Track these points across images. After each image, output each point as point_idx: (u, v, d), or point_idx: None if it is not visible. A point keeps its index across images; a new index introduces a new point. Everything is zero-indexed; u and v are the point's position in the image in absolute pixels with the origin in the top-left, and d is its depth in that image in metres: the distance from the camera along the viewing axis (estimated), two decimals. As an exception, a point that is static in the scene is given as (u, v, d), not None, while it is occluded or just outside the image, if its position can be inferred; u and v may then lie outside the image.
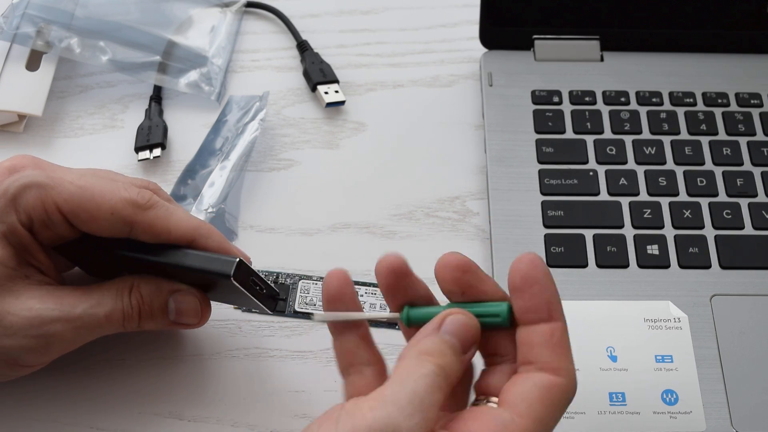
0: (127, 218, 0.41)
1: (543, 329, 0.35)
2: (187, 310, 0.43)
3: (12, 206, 0.40)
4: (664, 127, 0.55)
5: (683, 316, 0.48)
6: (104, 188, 0.41)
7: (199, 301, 0.43)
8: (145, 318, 0.43)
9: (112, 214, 0.40)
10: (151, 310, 0.43)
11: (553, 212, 0.51)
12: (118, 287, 0.42)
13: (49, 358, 0.42)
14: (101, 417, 0.45)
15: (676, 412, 0.45)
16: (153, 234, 0.41)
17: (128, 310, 0.42)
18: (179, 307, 0.43)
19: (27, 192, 0.40)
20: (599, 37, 0.59)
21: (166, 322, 0.43)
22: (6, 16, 0.59)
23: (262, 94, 0.58)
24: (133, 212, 0.41)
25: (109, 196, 0.40)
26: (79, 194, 0.40)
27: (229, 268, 0.41)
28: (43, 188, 0.40)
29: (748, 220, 0.51)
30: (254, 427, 0.45)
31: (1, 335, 0.40)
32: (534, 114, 0.56)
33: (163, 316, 0.43)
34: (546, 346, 0.34)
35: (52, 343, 0.41)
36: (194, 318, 0.44)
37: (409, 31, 0.64)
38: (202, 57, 0.60)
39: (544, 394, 0.34)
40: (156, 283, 0.43)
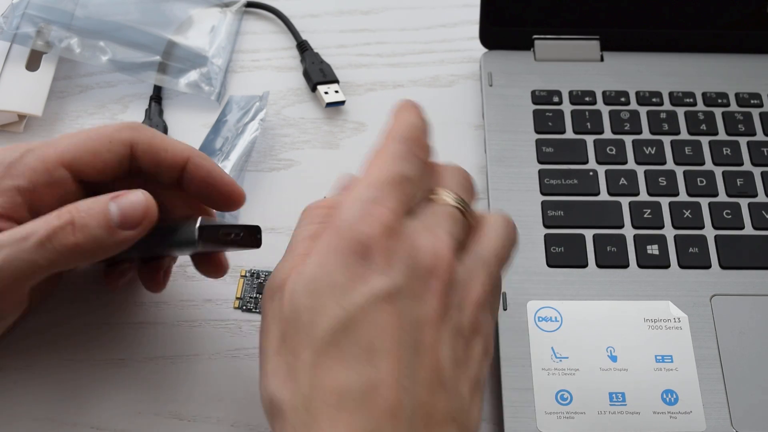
0: (126, 139, 0.42)
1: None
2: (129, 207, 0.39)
3: (9, 172, 0.40)
4: (664, 127, 0.56)
5: (683, 316, 0.48)
6: (97, 129, 0.42)
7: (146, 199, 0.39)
8: (80, 228, 0.38)
9: (110, 141, 0.41)
10: (89, 216, 0.38)
11: (553, 212, 0.51)
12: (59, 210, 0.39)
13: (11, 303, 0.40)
14: (101, 417, 0.46)
15: (676, 412, 0.45)
16: (152, 151, 0.42)
17: (57, 223, 0.38)
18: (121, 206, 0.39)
19: (25, 157, 0.40)
20: (599, 37, 0.59)
21: (108, 230, 0.39)
22: (6, 16, 0.59)
23: (262, 94, 0.58)
24: (130, 133, 0.42)
25: (104, 129, 0.42)
26: (76, 140, 0.41)
27: (192, 235, 0.39)
28: (39, 149, 0.41)
29: (748, 220, 0.51)
30: (254, 428, 0.45)
31: None
32: (534, 114, 0.56)
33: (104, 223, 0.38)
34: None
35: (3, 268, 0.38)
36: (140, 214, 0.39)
37: (409, 31, 0.64)
38: (202, 57, 0.60)
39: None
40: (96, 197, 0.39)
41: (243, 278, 0.51)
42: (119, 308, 0.49)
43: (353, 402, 0.32)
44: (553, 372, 0.46)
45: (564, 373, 0.46)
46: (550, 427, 0.44)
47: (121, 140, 0.41)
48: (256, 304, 0.50)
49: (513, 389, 0.45)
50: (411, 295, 0.34)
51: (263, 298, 0.36)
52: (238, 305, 0.50)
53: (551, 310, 0.48)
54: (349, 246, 0.34)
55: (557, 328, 0.47)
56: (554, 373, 0.46)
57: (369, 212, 0.34)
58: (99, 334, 0.48)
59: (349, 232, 0.34)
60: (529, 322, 0.47)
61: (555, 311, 0.48)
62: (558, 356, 0.46)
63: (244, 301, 0.50)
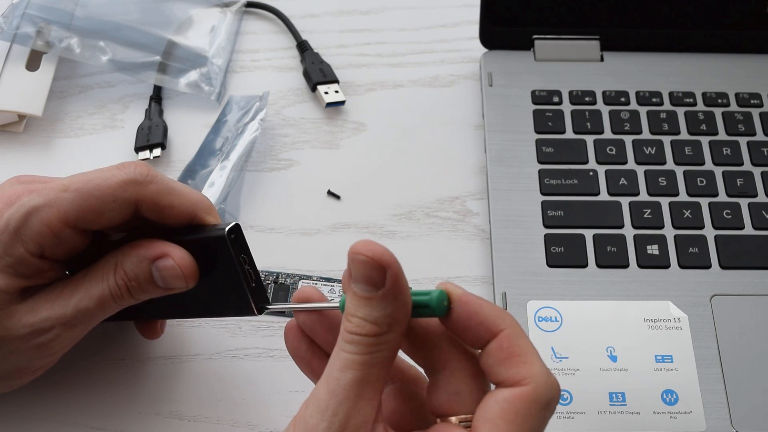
0: (130, 198, 0.40)
1: (491, 347, 0.33)
2: (171, 276, 0.40)
3: (17, 238, 0.39)
4: (664, 127, 0.55)
5: (683, 316, 0.48)
6: (98, 181, 0.40)
7: (179, 264, 0.40)
8: (135, 292, 0.41)
9: (114, 201, 0.40)
10: (139, 284, 0.41)
11: (553, 212, 0.51)
12: (102, 270, 0.41)
13: (54, 359, 0.42)
14: (101, 417, 0.45)
15: (676, 412, 0.45)
16: (157, 209, 0.41)
17: (116, 291, 0.41)
18: (162, 275, 0.41)
19: (30, 220, 0.39)
20: (599, 37, 0.59)
21: (159, 290, 0.41)
22: (6, 16, 0.59)
23: (262, 94, 0.58)
24: (134, 190, 0.40)
25: (106, 185, 0.40)
26: (78, 198, 0.39)
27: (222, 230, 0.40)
28: (43, 210, 0.39)
29: (748, 220, 0.51)
30: (254, 427, 0.45)
31: (6, 354, 0.40)
32: (534, 114, 0.56)
33: (153, 285, 0.41)
34: (499, 363, 0.33)
35: (54, 347, 0.41)
36: (180, 282, 0.41)
37: (409, 31, 0.64)
38: (202, 57, 0.60)
39: (506, 409, 0.32)
40: (137, 255, 0.41)
41: (243, 278, 0.51)
42: (119, 308, 0.49)
43: None
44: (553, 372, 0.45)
45: (564, 373, 0.46)
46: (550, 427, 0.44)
47: (125, 200, 0.40)
48: (256, 304, 0.50)
49: (513, 389, 0.45)
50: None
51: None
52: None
53: (551, 310, 0.48)
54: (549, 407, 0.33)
55: (557, 328, 0.47)
56: (554, 373, 0.45)
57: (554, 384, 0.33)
58: (99, 334, 0.48)
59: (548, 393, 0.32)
60: (529, 322, 0.47)
61: (555, 311, 0.48)
62: (558, 356, 0.46)
63: (244, 301, 0.50)
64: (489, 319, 0.33)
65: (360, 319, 0.32)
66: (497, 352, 0.33)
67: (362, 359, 0.32)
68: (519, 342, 0.33)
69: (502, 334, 0.33)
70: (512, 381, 0.32)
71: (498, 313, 0.33)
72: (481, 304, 0.33)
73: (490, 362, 0.33)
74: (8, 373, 0.42)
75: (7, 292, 0.39)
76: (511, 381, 0.32)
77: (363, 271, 0.32)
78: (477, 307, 0.33)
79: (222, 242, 0.40)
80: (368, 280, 0.32)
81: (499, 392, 0.32)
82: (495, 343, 0.33)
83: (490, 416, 0.32)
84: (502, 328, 0.33)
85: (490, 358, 0.33)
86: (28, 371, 0.42)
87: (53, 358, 0.42)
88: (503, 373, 0.32)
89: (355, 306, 0.33)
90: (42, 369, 0.43)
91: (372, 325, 0.32)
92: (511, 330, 0.33)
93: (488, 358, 0.33)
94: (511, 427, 0.31)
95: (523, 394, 0.32)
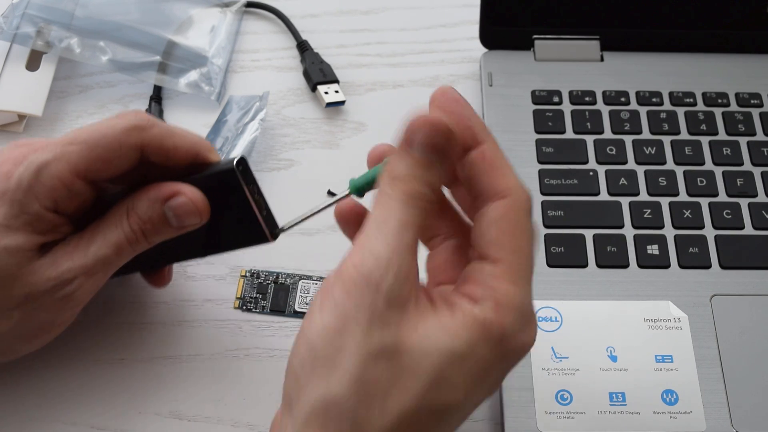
0: (135, 144, 0.41)
1: (474, 157, 0.35)
2: (185, 212, 0.41)
3: (32, 195, 0.40)
4: (664, 127, 0.55)
5: (683, 316, 0.48)
6: (103, 130, 0.41)
7: (192, 200, 0.41)
8: (150, 235, 0.42)
9: (120, 147, 0.40)
10: (153, 226, 0.42)
11: (553, 212, 0.51)
12: (115, 217, 0.42)
13: (76, 312, 0.43)
14: (101, 417, 0.46)
15: (676, 412, 0.45)
16: (162, 152, 0.41)
17: (131, 235, 0.42)
18: (176, 213, 0.41)
19: (41, 176, 0.40)
20: (599, 37, 0.59)
21: (173, 230, 0.42)
22: (6, 16, 0.59)
23: (262, 94, 0.58)
24: (138, 135, 0.41)
25: (111, 133, 0.40)
26: (86, 149, 0.40)
27: (231, 163, 0.41)
28: (53, 165, 0.40)
29: (748, 220, 0.51)
30: (254, 427, 0.45)
31: (32, 311, 0.41)
32: (534, 114, 0.56)
33: (167, 226, 0.42)
34: (482, 173, 0.35)
35: (77, 297, 0.42)
36: (194, 218, 0.42)
37: (409, 31, 0.64)
38: (202, 57, 0.60)
39: (503, 226, 0.34)
40: (148, 197, 0.42)
41: (243, 278, 0.51)
42: (119, 308, 0.49)
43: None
44: (553, 372, 0.46)
45: (564, 373, 0.46)
46: (550, 427, 0.44)
47: (131, 145, 0.41)
48: (256, 303, 0.50)
49: (513, 389, 0.45)
50: None
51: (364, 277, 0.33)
52: (238, 305, 0.50)
53: (551, 310, 0.48)
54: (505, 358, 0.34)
55: (557, 328, 0.47)
56: (554, 373, 0.46)
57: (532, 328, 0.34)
58: (99, 334, 0.48)
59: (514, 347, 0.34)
60: (529, 322, 0.47)
61: (555, 311, 0.48)
62: (558, 356, 0.46)
63: (244, 301, 0.50)
64: (476, 127, 0.35)
65: (419, 182, 0.34)
66: (480, 162, 0.35)
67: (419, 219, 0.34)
68: (499, 155, 0.35)
69: (485, 146, 0.35)
70: (494, 192, 0.34)
71: (483, 127, 0.36)
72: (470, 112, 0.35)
73: (474, 172, 0.35)
74: (35, 331, 0.43)
75: (28, 250, 0.40)
76: (493, 192, 0.34)
77: (428, 139, 0.34)
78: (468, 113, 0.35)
79: (231, 174, 0.41)
80: (432, 146, 0.34)
81: (490, 210, 0.34)
82: (478, 154, 0.35)
83: (494, 238, 0.34)
84: (483, 140, 0.35)
85: (473, 168, 0.35)
86: (52, 326, 0.43)
87: (75, 311, 0.43)
88: (485, 183, 0.35)
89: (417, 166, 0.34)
90: (64, 324, 0.44)
91: (428, 188, 0.34)
92: (493, 144, 0.35)
93: (471, 168, 0.35)
94: (514, 237, 0.34)
95: (512, 204, 0.34)
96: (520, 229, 0.34)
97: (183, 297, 0.50)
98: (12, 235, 0.40)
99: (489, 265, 0.34)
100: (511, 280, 0.33)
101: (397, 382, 0.32)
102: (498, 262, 0.34)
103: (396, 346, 0.32)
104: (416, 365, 0.32)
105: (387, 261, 0.32)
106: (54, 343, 0.48)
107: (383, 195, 0.34)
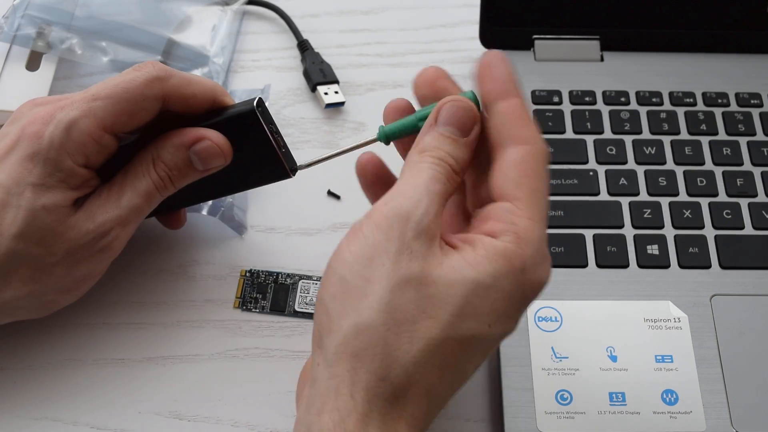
0: (158, 95, 0.42)
1: (503, 106, 0.37)
2: (210, 155, 0.43)
3: (64, 153, 0.41)
4: (664, 127, 0.55)
5: (683, 316, 0.48)
6: (124, 84, 0.42)
7: (215, 142, 0.43)
8: (177, 180, 0.44)
9: (144, 99, 0.42)
10: (179, 172, 0.44)
11: (553, 212, 0.51)
12: (141, 166, 0.43)
13: (111, 260, 0.45)
14: (101, 417, 0.46)
15: (676, 412, 0.45)
16: (183, 100, 0.43)
17: (159, 183, 0.43)
18: (201, 157, 0.43)
19: (72, 133, 0.41)
20: (599, 37, 0.59)
21: (198, 174, 0.44)
22: (6, 17, 0.59)
23: (263, 87, 0.58)
24: (160, 86, 0.42)
25: (133, 87, 0.42)
26: (111, 104, 0.41)
27: (251, 104, 0.43)
28: (81, 122, 0.41)
29: (748, 220, 0.51)
30: (254, 427, 0.45)
31: (72, 265, 0.43)
32: (534, 114, 0.56)
33: (193, 170, 0.44)
34: (509, 122, 0.37)
35: (114, 246, 0.44)
36: (219, 160, 0.44)
37: (409, 31, 0.64)
38: (203, 56, 0.60)
39: (524, 167, 0.36)
40: (172, 144, 0.43)
41: (243, 278, 0.51)
42: (119, 308, 0.49)
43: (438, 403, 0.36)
44: (553, 372, 0.46)
45: (564, 373, 0.46)
46: (550, 427, 0.44)
47: (154, 96, 0.42)
48: (256, 303, 0.50)
49: (513, 389, 0.45)
50: None
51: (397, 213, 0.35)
52: (238, 305, 0.50)
53: (551, 310, 0.48)
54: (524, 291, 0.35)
55: (557, 328, 0.47)
56: (554, 373, 0.46)
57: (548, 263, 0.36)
58: (99, 334, 0.48)
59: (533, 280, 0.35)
60: (529, 322, 0.47)
61: (555, 311, 0.48)
62: (558, 356, 0.46)
63: (244, 301, 0.50)
64: (506, 82, 0.37)
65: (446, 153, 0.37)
66: (508, 112, 0.37)
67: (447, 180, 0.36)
68: (525, 111, 0.37)
69: (515, 100, 0.37)
70: (519, 139, 0.36)
71: (515, 86, 0.38)
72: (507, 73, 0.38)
73: (501, 120, 0.37)
74: (77, 282, 0.44)
75: (64, 206, 0.42)
76: (519, 139, 0.36)
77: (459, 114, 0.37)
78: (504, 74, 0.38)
79: (252, 115, 0.43)
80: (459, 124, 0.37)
81: (512, 152, 0.36)
82: (507, 106, 0.37)
83: (514, 178, 0.36)
84: (513, 95, 0.37)
85: (501, 117, 0.37)
86: (90, 277, 0.45)
87: (111, 259, 0.45)
88: (510, 130, 0.37)
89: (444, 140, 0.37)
90: (100, 274, 0.45)
91: (453, 160, 0.37)
92: (521, 101, 0.37)
93: (499, 116, 0.37)
94: (533, 180, 0.36)
95: (534, 152, 0.36)
96: (538, 173, 0.36)
97: (183, 297, 0.50)
98: (48, 194, 0.41)
99: (508, 203, 0.36)
100: (529, 216, 0.35)
101: (425, 311, 0.34)
102: (517, 201, 0.35)
103: (424, 275, 0.34)
104: (443, 295, 0.34)
105: (417, 199, 0.35)
106: (54, 343, 0.48)
107: (411, 162, 0.37)
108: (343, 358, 0.34)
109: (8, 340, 0.48)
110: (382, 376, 0.33)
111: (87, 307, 0.49)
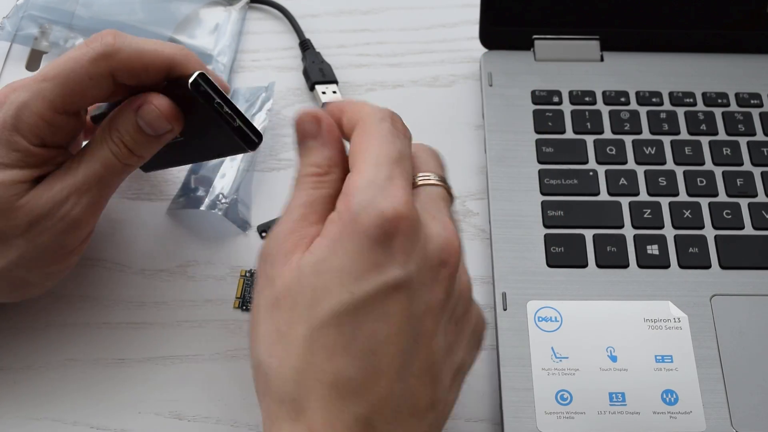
0: (104, 72, 0.42)
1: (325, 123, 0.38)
2: (153, 119, 0.42)
3: (17, 133, 0.41)
4: (664, 127, 0.55)
5: (683, 316, 0.48)
6: (70, 64, 0.42)
7: (156, 105, 0.42)
8: (132, 147, 0.43)
9: (90, 78, 0.41)
10: (131, 137, 0.43)
11: (553, 212, 0.51)
12: (101, 135, 0.43)
13: (82, 235, 0.44)
14: (101, 417, 0.46)
15: (676, 412, 0.45)
16: (133, 73, 0.42)
17: (116, 149, 0.43)
18: (146, 120, 0.43)
19: (22, 115, 0.41)
20: (599, 37, 0.59)
21: (152, 139, 0.43)
22: (9, 17, 0.59)
23: (267, 84, 0.58)
24: (106, 64, 0.41)
25: (78, 67, 0.41)
26: (58, 85, 0.41)
27: (186, 81, 0.41)
28: (31, 103, 0.41)
29: (748, 220, 0.51)
30: (254, 427, 0.45)
31: (36, 237, 0.42)
32: (534, 114, 0.56)
33: (144, 135, 0.43)
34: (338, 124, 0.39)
35: (77, 215, 0.43)
36: (164, 123, 0.43)
37: (409, 31, 0.64)
38: (206, 55, 0.60)
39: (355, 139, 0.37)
40: (122, 110, 0.43)
41: (243, 278, 0.51)
42: (119, 308, 0.49)
43: (350, 390, 0.33)
44: (553, 372, 0.46)
45: (564, 373, 0.46)
46: (550, 427, 0.44)
47: (101, 74, 0.42)
48: (256, 304, 0.50)
49: (513, 389, 0.45)
50: (421, 285, 0.34)
51: (260, 258, 0.37)
52: (238, 305, 0.50)
53: (551, 310, 0.48)
54: (367, 234, 0.34)
55: (557, 328, 0.47)
56: (554, 373, 0.46)
57: (386, 196, 0.34)
58: (99, 334, 0.48)
59: (368, 219, 0.34)
60: (529, 322, 0.47)
61: (555, 311, 0.48)
62: (558, 356, 0.46)
63: (244, 301, 0.50)
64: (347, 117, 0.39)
65: (305, 166, 0.38)
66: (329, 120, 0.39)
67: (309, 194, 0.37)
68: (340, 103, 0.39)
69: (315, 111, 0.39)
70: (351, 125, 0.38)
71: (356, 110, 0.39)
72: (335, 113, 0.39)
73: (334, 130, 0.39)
74: (46, 258, 0.44)
75: (23, 182, 0.42)
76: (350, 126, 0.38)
77: (301, 128, 0.38)
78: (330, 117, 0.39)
79: (191, 92, 0.41)
80: (306, 134, 0.38)
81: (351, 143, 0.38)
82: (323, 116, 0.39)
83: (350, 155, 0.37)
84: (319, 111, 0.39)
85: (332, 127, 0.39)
86: (63, 252, 0.44)
87: (81, 234, 0.44)
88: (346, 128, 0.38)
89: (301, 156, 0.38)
90: (76, 251, 0.45)
91: (315, 167, 0.38)
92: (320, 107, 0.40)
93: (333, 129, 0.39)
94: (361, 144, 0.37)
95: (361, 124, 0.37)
96: (368, 134, 0.36)
97: (183, 297, 0.50)
98: (6, 172, 0.41)
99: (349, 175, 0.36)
100: (358, 172, 0.35)
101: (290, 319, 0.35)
102: (354, 168, 0.36)
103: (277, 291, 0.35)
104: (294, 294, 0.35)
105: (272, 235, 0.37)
106: (54, 343, 0.48)
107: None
108: (260, 400, 0.36)
109: (8, 340, 0.48)
110: (278, 399, 0.34)
111: (87, 307, 0.49)
